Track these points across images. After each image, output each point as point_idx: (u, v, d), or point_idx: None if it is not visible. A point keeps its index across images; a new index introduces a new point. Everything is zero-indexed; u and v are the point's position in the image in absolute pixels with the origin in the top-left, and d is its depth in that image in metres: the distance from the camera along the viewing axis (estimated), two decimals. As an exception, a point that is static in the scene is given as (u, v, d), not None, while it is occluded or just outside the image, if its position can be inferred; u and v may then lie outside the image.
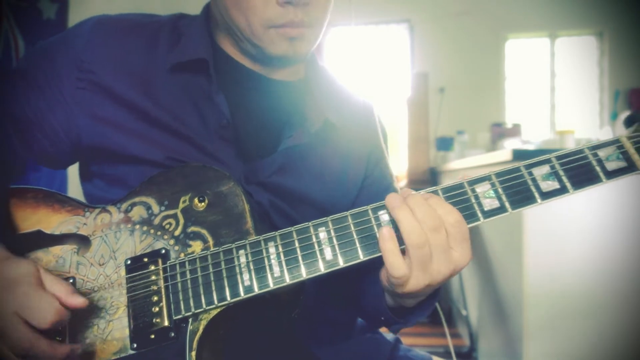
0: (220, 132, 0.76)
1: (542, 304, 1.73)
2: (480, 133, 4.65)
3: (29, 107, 0.76)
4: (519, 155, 1.79)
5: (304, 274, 0.63)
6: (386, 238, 0.60)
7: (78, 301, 0.60)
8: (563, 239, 1.71)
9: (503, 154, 1.93)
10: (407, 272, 0.59)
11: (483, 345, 2.59)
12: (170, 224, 0.68)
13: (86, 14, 0.85)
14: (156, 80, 0.77)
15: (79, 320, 0.65)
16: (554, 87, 5.09)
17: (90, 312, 0.65)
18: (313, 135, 0.79)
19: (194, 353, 0.61)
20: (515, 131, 4.53)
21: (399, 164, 4.71)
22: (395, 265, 0.59)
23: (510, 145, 3.76)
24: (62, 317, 0.58)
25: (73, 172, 0.86)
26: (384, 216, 0.64)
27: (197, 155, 0.75)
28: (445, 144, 4.67)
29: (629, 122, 0.64)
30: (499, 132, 4.55)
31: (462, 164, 3.07)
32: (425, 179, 4.47)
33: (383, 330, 0.97)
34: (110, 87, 0.75)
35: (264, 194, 0.77)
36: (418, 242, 0.58)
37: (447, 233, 0.59)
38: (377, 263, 0.63)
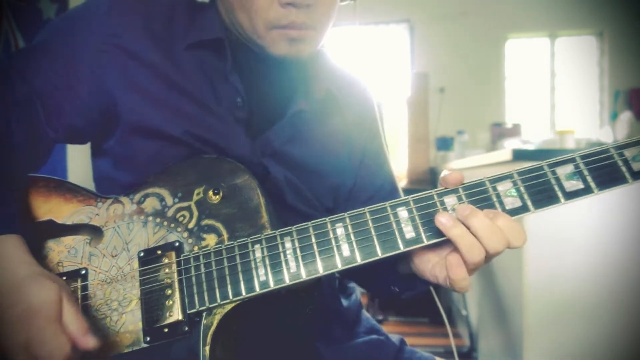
0: (234, 111, 0.78)
1: (542, 304, 1.72)
2: (480, 133, 4.65)
3: (57, 78, 0.75)
4: (519, 155, 1.78)
5: (320, 269, 0.62)
6: (455, 264, 0.61)
7: (91, 343, 0.58)
8: (563, 240, 1.71)
9: (503, 154, 1.92)
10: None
11: (483, 345, 2.59)
12: (184, 216, 0.67)
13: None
14: (175, 52, 0.78)
15: (91, 312, 0.64)
16: (554, 87, 5.08)
17: (103, 304, 0.65)
18: (317, 102, 0.83)
19: (207, 348, 0.60)
20: (515, 131, 4.53)
21: (399, 164, 4.71)
22: (462, 278, 0.61)
23: (510, 145, 3.75)
24: None
25: (73, 168, 0.85)
26: (402, 213, 0.63)
27: (217, 126, 0.76)
28: (445, 144, 4.67)
29: None
30: (499, 132, 4.54)
31: (462, 164, 3.07)
32: (425, 179, 4.47)
33: (389, 329, 0.96)
34: (134, 49, 0.76)
35: (279, 168, 0.79)
36: (479, 261, 0.60)
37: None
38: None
